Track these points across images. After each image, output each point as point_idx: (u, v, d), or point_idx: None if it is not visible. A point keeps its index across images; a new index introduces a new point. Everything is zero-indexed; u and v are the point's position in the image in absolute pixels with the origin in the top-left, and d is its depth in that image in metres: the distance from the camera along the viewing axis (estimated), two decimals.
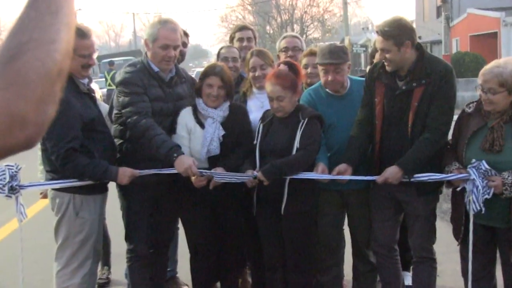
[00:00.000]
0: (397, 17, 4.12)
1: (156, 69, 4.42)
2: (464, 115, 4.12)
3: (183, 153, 4.16)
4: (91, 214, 4.28)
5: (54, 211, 4.28)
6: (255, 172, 4.22)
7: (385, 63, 4.13)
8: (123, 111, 4.28)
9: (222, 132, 4.44)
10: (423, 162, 4.07)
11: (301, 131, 4.20)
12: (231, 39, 5.87)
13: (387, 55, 4.05)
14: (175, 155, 4.11)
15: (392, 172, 4.06)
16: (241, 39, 5.72)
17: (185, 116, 4.49)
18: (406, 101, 4.10)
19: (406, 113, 4.10)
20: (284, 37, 5.67)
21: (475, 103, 4.08)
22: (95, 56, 4.29)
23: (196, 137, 4.44)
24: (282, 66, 4.33)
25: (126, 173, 4.24)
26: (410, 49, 4.04)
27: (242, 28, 5.99)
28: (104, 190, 4.42)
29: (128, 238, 4.65)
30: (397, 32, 3.99)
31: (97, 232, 4.39)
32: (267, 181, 4.15)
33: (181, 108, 4.52)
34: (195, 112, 4.51)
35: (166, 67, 4.46)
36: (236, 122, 4.52)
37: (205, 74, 4.50)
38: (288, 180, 4.24)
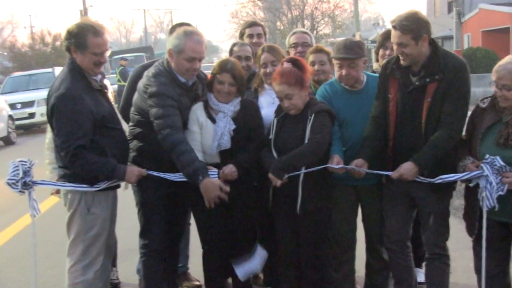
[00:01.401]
0: (413, 11, 4.08)
1: (182, 79, 4.41)
2: (478, 110, 4.09)
3: (209, 176, 4.17)
4: (103, 210, 4.28)
5: (66, 207, 4.30)
6: None
7: (401, 58, 4.09)
8: (155, 121, 4.25)
9: (233, 126, 4.44)
10: (438, 158, 4.04)
11: (309, 127, 4.20)
12: (241, 35, 5.86)
13: (405, 50, 4.01)
14: (200, 177, 4.13)
15: (407, 168, 4.04)
16: (251, 35, 5.71)
17: (197, 111, 4.49)
18: (419, 96, 4.07)
19: (419, 108, 4.07)
20: (294, 33, 5.65)
21: (489, 98, 4.04)
22: (107, 54, 4.29)
23: (207, 131, 4.44)
24: (285, 64, 4.32)
25: (134, 172, 4.25)
26: (426, 42, 4.02)
27: (252, 24, 5.97)
28: (116, 186, 4.42)
29: (143, 233, 4.65)
30: (416, 26, 3.96)
31: (109, 228, 4.39)
32: (279, 179, 4.15)
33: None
34: (206, 107, 4.51)
35: (190, 78, 4.46)
36: (247, 117, 4.52)
37: (217, 70, 4.48)
38: (301, 178, 4.24)
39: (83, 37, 4.10)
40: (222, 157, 4.45)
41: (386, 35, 5.14)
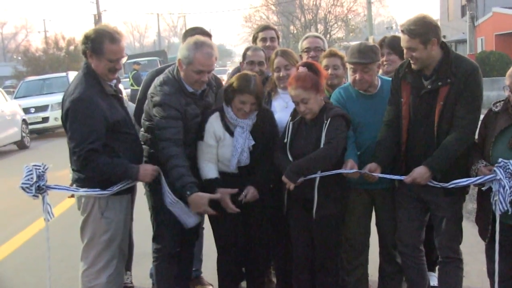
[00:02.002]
0: (421, 15, 4.08)
1: (190, 89, 4.40)
2: (491, 114, 4.08)
3: (197, 191, 4.20)
4: (117, 214, 4.30)
5: (80, 211, 4.33)
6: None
7: (411, 62, 4.10)
8: (156, 132, 4.30)
9: (252, 142, 4.45)
10: (450, 161, 4.04)
11: (325, 131, 4.20)
12: (254, 39, 5.88)
13: (414, 54, 4.02)
14: (188, 192, 4.18)
15: (420, 173, 4.04)
16: (264, 39, 5.72)
17: (213, 124, 4.47)
18: (431, 100, 4.07)
19: (432, 112, 4.07)
20: (306, 37, 5.66)
21: (502, 102, 4.04)
22: (123, 61, 4.31)
23: (225, 144, 4.45)
24: (301, 69, 4.32)
25: (147, 170, 4.26)
26: (436, 46, 4.02)
27: (265, 28, 5.98)
28: (130, 190, 4.44)
29: (156, 237, 4.66)
30: (423, 30, 3.96)
31: (123, 232, 4.41)
32: (293, 183, 4.15)
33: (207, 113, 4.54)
34: (223, 118, 4.49)
35: (198, 88, 4.45)
36: (264, 128, 4.52)
37: (239, 90, 4.37)
38: (317, 183, 4.23)
39: (100, 43, 4.12)
40: (240, 169, 4.49)
41: (380, 43, 5.17)
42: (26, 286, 6.03)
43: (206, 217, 4.82)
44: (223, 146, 4.45)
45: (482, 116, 4.12)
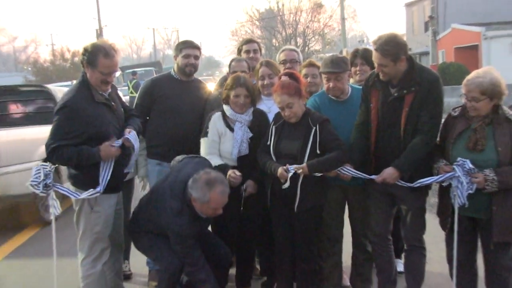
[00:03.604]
0: (393, 34, 4.06)
1: (204, 216, 4.21)
2: (450, 118, 4.12)
3: None
4: (106, 209, 4.30)
5: (73, 204, 4.34)
6: (290, 168, 4.12)
7: (381, 75, 4.11)
8: (181, 256, 4.21)
9: (250, 134, 4.53)
10: (416, 162, 4.06)
11: (318, 137, 4.19)
12: (239, 51, 5.89)
13: (384, 69, 4.04)
14: None
15: (389, 173, 4.07)
16: (247, 51, 5.74)
17: (216, 122, 4.57)
18: (398, 106, 4.09)
19: (398, 117, 4.08)
20: (283, 50, 5.62)
21: (460, 108, 4.08)
22: (116, 74, 4.28)
23: (226, 139, 4.53)
24: (283, 77, 4.34)
25: (106, 147, 4.09)
26: (404, 62, 4.04)
27: (249, 41, 6.00)
28: (118, 190, 4.41)
29: (156, 264, 4.64)
30: (395, 50, 3.97)
31: (116, 224, 4.43)
32: (309, 173, 4.12)
33: None
34: (224, 117, 4.58)
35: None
36: (259, 125, 4.59)
37: (232, 86, 4.53)
38: (301, 180, 4.21)
39: (95, 56, 4.10)
40: (239, 161, 4.53)
41: (354, 54, 5.18)
42: (30, 279, 5.96)
43: None
44: (225, 141, 4.53)
45: (443, 120, 4.15)
